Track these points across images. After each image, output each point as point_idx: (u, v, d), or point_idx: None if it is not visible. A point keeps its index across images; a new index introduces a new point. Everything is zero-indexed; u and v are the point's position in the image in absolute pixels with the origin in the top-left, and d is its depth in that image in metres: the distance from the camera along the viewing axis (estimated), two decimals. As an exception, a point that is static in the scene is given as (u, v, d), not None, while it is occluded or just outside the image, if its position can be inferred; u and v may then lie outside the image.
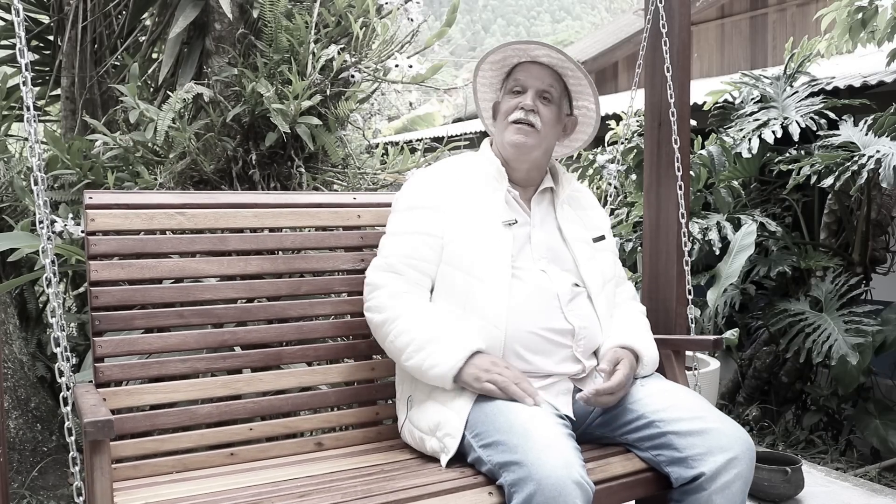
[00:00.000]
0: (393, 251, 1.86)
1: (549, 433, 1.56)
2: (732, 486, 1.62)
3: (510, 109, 1.91)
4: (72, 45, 3.10)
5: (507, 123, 1.90)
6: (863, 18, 4.38)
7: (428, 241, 1.83)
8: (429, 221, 1.85)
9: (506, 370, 1.70)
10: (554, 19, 59.28)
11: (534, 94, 1.90)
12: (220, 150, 2.71)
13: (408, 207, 1.90)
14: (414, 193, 1.91)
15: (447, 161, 2.01)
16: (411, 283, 1.83)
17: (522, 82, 1.92)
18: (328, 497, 1.55)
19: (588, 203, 2.06)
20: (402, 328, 1.78)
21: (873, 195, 4.10)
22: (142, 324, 1.82)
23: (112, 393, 1.76)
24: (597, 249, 1.97)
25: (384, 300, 1.82)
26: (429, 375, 1.74)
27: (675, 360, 2.05)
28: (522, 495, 1.47)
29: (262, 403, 1.92)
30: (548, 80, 1.93)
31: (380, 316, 1.83)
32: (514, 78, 1.94)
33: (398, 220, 1.90)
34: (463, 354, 1.71)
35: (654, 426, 1.71)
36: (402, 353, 1.78)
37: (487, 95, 2.07)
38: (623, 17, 10.40)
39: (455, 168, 1.96)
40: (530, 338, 1.78)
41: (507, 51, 1.94)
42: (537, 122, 1.89)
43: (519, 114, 1.88)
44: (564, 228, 1.93)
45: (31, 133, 1.53)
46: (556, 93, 1.94)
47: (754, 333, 4.60)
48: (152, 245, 1.86)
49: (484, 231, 1.83)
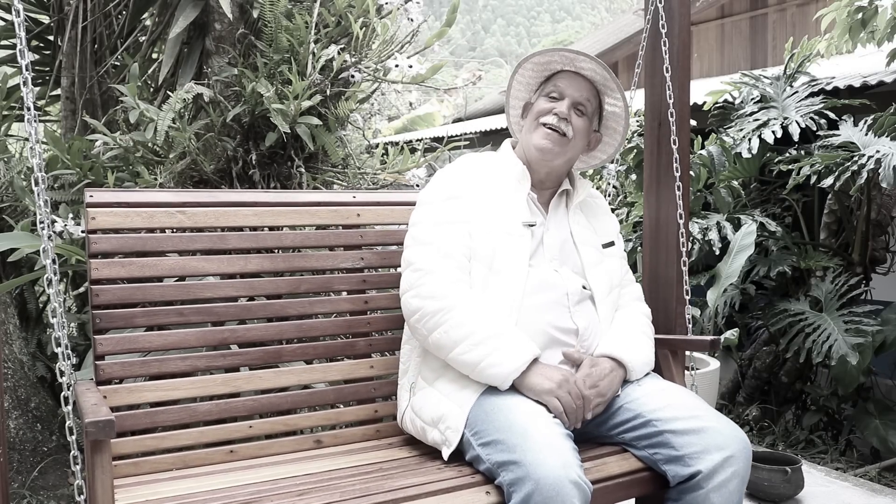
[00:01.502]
0: (441, 238, 1.82)
1: (547, 433, 1.57)
2: (729, 485, 1.63)
3: (543, 112, 1.91)
4: (72, 45, 3.10)
5: (536, 124, 1.91)
6: (863, 18, 4.38)
7: (467, 230, 1.83)
8: (466, 211, 1.85)
9: (573, 390, 1.72)
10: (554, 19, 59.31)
11: (570, 103, 1.91)
12: (220, 150, 2.71)
13: (447, 198, 1.88)
14: (450, 184, 1.91)
15: (473, 157, 2.01)
16: (463, 271, 1.80)
17: (562, 89, 1.92)
18: (326, 496, 1.55)
19: (601, 209, 2.07)
20: (459, 320, 1.73)
21: (873, 195, 4.10)
22: (142, 322, 1.82)
23: (112, 390, 1.76)
24: (605, 255, 1.98)
25: (441, 287, 1.77)
26: (486, 373, 1.71)
27: (673, 360, 2.05)
28: (521, 495, 1.48)
29: (261, 401, 1.92)
30: (586, 93, 1.94)
31: (435, 303, 1.76)
32: (554, 84, 1.94)
33: (438, 210, 1.87)
34: (528, 357, 1.71)
35: (651, 425, 1.72)
36: (456, 345, 1.73)
37: (520, 94, 2.06)
38: (623, 17, 10.41)
39: (482, 165, 1.96)
40: (538, 333, 1.79)
41: (555, 55, 1.94)
42: (569, 132, 1.90)
43: (552, 119, 1.89)
44: (575, 232, 1.95)
45: (31, 133, 1.53)
46: (591, 107, 1.95)
47: (754, 333, 4.60)
48: (152, 243, 1.86)
49: (506, 229, 1.84)
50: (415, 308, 1.79)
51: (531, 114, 1.95)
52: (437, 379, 1.81)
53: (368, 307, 2.07)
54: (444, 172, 1.95)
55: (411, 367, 1.91)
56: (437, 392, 1.80)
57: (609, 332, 1.90)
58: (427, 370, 1.86)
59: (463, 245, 1.81)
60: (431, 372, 1.84)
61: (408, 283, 1.83)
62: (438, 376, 1.81)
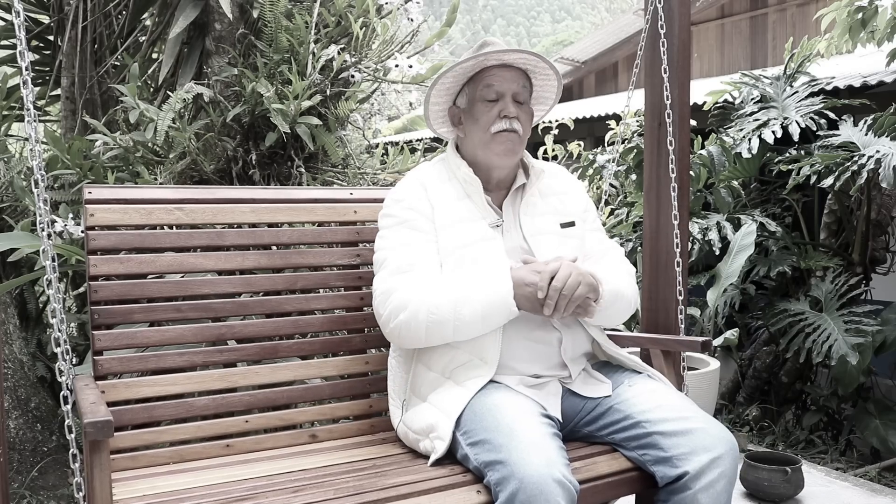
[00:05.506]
0: (396, 261, 1.80)
1: (533, 432, 1.57)
2: (716, 485, 1.63)
3: (491, 120, 1.84)
4: (72, 45, 3.12)
5: (489, 136, 1.84)
6: (863, 18, 4.39)
7: (428, 244, 1.81)
8: (422, 226, 1.83)
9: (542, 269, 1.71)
10: (554, 19, 59.36)
11: (510, 98, 1.86)
12: (220, 150, 2.72)
13: (397, 223, 1.85)
14: (398, 207, 1.86)
15: (420, 172, 1.95)
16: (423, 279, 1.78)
17: (497, 88, 1.85)
18: (321, 493, 1.56)
19: (562, 187, 1.99)
20: (434, 302, 1.72)
21: (873, 195, 4.10)
22: (140, 317, 1.83)
23: (111, 385, 1.77)
24: (566, 237, 1.91)
25: (402, 296, 1.75)
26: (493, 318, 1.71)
27: (666, 360, 2.06)
28: (506, 493, 1.48)
29: (257, 396, 1.93)
30: (520, 80, 1.88)
31: (405, 313, 1.74)
32: (486, 84, 1.86)
33: (391, 236, 1.85)
34: (505, 276, 1.71)
35: (641, 426, 1.72)
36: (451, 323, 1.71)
37: (440, 100, 1.95)
38: (623, 17, 10.42)
39: (429, 177, 1.91)
40: (522, 343, 1.80)
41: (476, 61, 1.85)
42: (520, 129, 1.86)
43: (504, 123, 1.83)
44: (524, 225, 1.90)
45: (31, 134, 1.53)
46: (527, 92, 1.91)
47: (754, 333, 4.60)
48: (151, 240, 1.87)
49: (480, 234, 1.83)
50: (394, 328, 1.77)
51: (478, 124, 1.86)
52: (430, 392, 1.81)
53: (364, 303, 2.07)
54: (393, 196, 1.89)
55: (399, 382, 1.91)
56: (429, 404, 1.80)
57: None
58: (419, 385, 1.85)
59: (423, 258, 1.79)
60: (424, 387, 1.84)
61: (377, 313, 1.82)
62: (430, 390, 1.81)
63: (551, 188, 1.98)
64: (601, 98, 9.41)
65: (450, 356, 1.80)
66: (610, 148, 4.73)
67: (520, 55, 1.86)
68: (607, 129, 5.12)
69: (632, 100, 2.55)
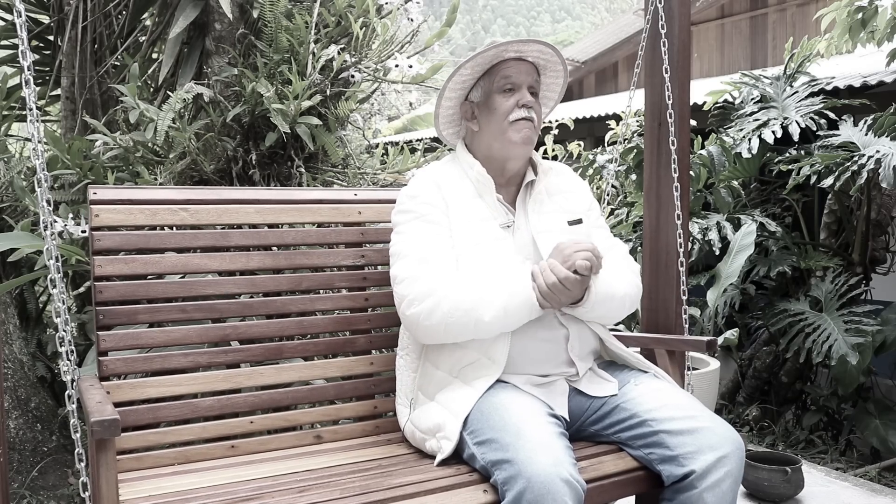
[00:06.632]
0: (419, 252, 1.81)
1: (540, 432, 1.57)
2: (722, 484, 1.63)
3: (510, 109, 1.87)
4: (72, 45, 3.11)
5: (507, 124, 1.87)
6: (863, 18, 4.39)
7: (447, 235, 1.82)
8: (439, 220, 1.84)
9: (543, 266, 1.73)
10: (554, 19, 59.44)
11: (527, 90, 1.90)
12: (220, 150, 2.71)
13: (415, 218, 1.86)
14: (414, 202, 1.88)
15: (433, 170, 1.96)
16: (445, 269, 1.78)
17: (514, 80, 1.89)
18: (327, 493, 1.56)
19: (568, 186, 2.02)
20: (458, 297, 1.73)
21: (873, 195, 4.11)
22: (145, 318, 1.83)
23: (115, 386, 1.77)
24: (573, 234, 1.91)
25: (426, 285, 1.76)
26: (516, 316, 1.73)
27: (671, 360, 2.06)
28: (513, 493, 1.48)
29: (262, 397, 1.93)
30: (534, 74, 1.93)
31: (431, 300, 1.74)
32: (503, 76, 1.89)
33: (410, 230, 1.85)
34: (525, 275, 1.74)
35: (647, 425, 1.72)
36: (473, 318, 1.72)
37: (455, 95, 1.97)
38: (623, 17, 10.42)
39: (442, 175, 1.92)
40: (530, 342, 1.80)
41: (497, 50, 1.88)
42: (535, 118, 1.90)
43: (522, 112, 1.87)
44: (532, 223, 1.91)
45: (33, 134, 1.53)
46: (538, 86, 1.96)
47: (754, 333, 4.60)
48: (155, 240, 1.87)
49: (492, 234, 1.84)
50: (413, 316, 1.78)
51: (495, 115, 1.89)
52: (438, 392, 1.81)
53: (369, 304, 2.07)
54: (409, 191, 1.91)
55: (406, 381, 1.91)
56: (437, 404, 1.80)
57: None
58: (427, 384, 1.85)
59: (443, 250, 1.80)
60: (431, 386, 1.84)
61: (399, 295, 1.82)
62: (438, 389, 1.81)
63: (558, 186, 1.99)
64: (601, 98, 9.41)
65: (458, 355, 1.80)
66: (610, 148, 4.73)
67: (538, 46, 1.90)
68: (607, 129, 5.13)
69: (632, 100, 2.55)
